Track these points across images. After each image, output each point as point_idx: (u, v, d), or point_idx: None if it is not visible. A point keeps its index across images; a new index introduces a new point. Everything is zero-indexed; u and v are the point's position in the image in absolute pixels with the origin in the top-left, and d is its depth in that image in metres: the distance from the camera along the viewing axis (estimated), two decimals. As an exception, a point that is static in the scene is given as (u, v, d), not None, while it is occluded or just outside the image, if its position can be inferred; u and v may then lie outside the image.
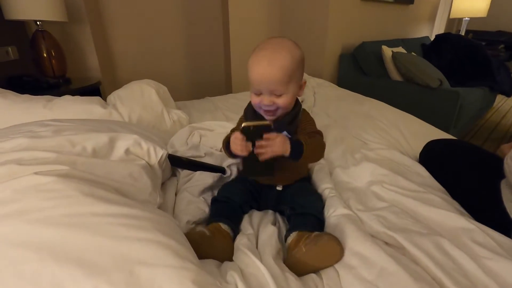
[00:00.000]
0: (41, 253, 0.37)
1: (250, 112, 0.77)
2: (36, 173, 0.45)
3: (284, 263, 0.58)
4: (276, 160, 0.65)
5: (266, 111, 0.71)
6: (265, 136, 0.62)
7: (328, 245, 0.56)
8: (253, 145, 0.63)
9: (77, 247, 0.39)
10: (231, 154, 0.71)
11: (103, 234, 0.42)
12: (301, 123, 0.76)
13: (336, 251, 0.56)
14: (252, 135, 0.62)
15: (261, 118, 0.74)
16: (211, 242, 0.58)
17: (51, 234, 0.39)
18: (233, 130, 0.80)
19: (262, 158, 0.63)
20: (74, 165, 0.52)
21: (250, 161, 0.65)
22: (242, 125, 0.63)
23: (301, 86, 0.73)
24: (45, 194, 0.43)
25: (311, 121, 0.79)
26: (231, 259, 0.58)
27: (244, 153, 0.63)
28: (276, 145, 0.63)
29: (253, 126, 0.61)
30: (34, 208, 0.41)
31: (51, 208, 0.42)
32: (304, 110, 0.79)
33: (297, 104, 0.76)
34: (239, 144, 0.63)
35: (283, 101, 0.69)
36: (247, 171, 0.68)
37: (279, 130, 0.69)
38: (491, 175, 0.73)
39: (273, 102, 0.68)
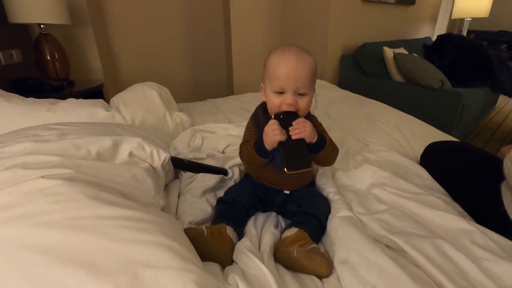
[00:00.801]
0: (47, 255, 0.38)
1: (262, 114, 0.75)
2: (42, 177, 0.46)
3: (275, 253, 0.60)
4: (308, 150, 0.67)
5: None
6: (295, 122, 0.65)
7: (318, 267, 0.56)
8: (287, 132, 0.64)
9: (82, 249, 0.40)
10: (264, 153, 0.69)
11: (107, 237, 0.42)
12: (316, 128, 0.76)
13: (323, 273, 0.56)
14: (284, 122, 0.64)
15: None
16: (206, 243, 0.58)
17: (57, 237, 0.40)
18: (244, 139, 0.78)
19: (297, 137, 0.65)
20: (78, 169, 0.52)
21: (288, 151, 0.64)
22: (273, 115, 0.65)
23: (313, 94, 0.74)
24: (50, 197, 0.44)
25: (322, 127, 0.80)
26: (229, 261, 0.59)
27: (283, 137, 0.64)
28: (308, 126, 0.66)
29: (283, 113, 0.65)
30: (40, 212, 0.42)
31: (56, 211, 0.42)
32: (313, 116, 0.80)
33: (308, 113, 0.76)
34: (277, 129, 0.64)
35: (305, 102, 0.69)
36: (286, 164, 0.63)
37: None
38: (492, 177, 0.73)
39: (296, 102, 0.68)
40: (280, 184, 0.77)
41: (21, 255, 0.38)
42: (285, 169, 0.62)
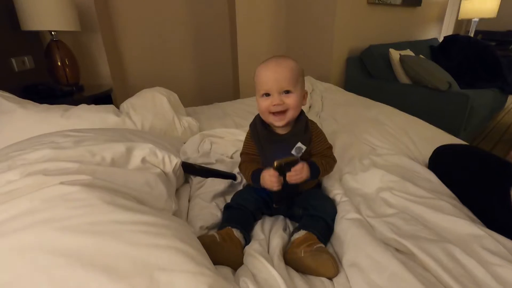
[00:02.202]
0: (69, 259, 0.40)
1: (259, 125, 0.79)
2: (61, 183, 0.48)
3: (284, 255, 0.62)
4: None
5: (276, 115, 0.74)
6: (293, 168, 0.69)
7: (324, 265, 0.57)
8: (284, 177, 0.70)
9: (101, 253, 0.42)
10: (259, 184, 0.75)
11: (124, 241, 0.44)
12: (316, 137, 0.80)
13: (330, 272, 0.57)
14: (283, 170, 0.69)
15: (273, 134, 0.78)
16: (220, 248, 0.60)
17: (77, 241, 0.42)
18: (243, 153, 0.84)
19: (293, 182, 0.70)
20: (94, 175, 0.54)
21: (281, 193, 0.72)
22: (275, 164, 0.68)
23: (304, 96, 0.77)
24: (70, 203, 0.45)
25: (322, 136, 0.82)
26: (240, 262, 0.60)
27: (280, 187, 0.70)
28: (305, 173, 0.70)
29: (285, 162, 0.69)
30: (61, 217, 0.44)
31: (76, 216, 0.44)
32: (312, 122, 0.82)
33: (302, 112, 0.80)
34: (275, 181, 0.69)
35: (292, 100, 0.73)
36: (276, 202, 0.75)
37: (295, 140, 0.75)
38: (502, 181, 0.73)
39: (283, 101, 0.72)
40: None
41: (45, 259, 0.40)
42: (274, 205, 0.74)
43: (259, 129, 0.79)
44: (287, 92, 0.72)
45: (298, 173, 0.70)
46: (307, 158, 0.80)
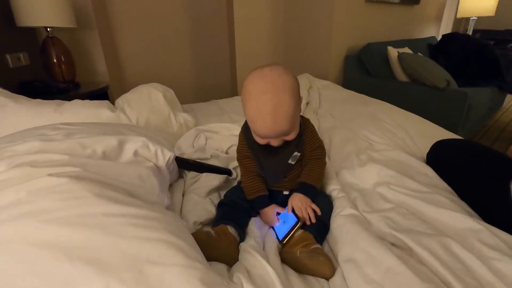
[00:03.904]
0: (54, 252, 0.39)
1: (251, 134, 0.70)
2: (49, 175, 0.47)
3: (280, 253, 0.61)
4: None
5: None
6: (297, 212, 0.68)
7: (320, 266, 0.57)
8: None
9: (89, 246, 0.41)
10: (258, 208, 0.75)
11: (113, 234, 0.43)
12: (307, 137, 0.75)
13: (326, 273, 0.56)
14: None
15: (267, 146, 0.70)
16: (216, 243, 0.59)
17: (64, 234, 0.41)
18: (240, 155, 0.78)
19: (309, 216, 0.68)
20: (85, 167, 0.53)
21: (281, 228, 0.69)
22: (283, 242, 0.64)
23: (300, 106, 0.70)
24: (58, 195, 0.44)
25: (313, 133, 0.76)
26: (236, 258, 0.60)
27: (277, 224, 0.69)
28: (308, 206, 0.69)
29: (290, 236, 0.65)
30: (48, 209, 0.42)
31: (64, 208, 0.43)
32: (305, 119, 0.77)
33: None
34: (273, 220, 0.70)
35: (292, 137, 0.68)
36: (285, 237, 0.68)
37: (291, 151, 0.71)
38: (500, 176, 0.72)
39: (283, 141, 0.68)
40: (282, 187, 0.78)
41: (29, 251, 0.38)
42: (280, 240, 0.65)
43: (252, 142, 0.72)
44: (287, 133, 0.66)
45: (307, 211, 0.67)
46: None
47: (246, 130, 0.74)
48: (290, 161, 0.73)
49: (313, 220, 0.67)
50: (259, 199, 0.74)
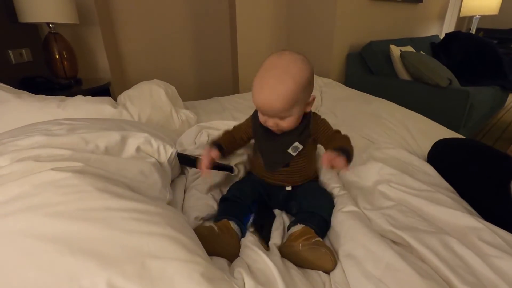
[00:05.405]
0: (58, 245, 0.39)
1: (258, 120, 0.75)
2: (52, 169, 0.47)
3: (280, 248, 0.61)
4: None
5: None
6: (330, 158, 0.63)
7: (321, 258, 0.57)
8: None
9: (91, 239, 0.41)
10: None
11: (116, 228, 0.43)
12: (316, 130, 0.75)
13: (327, 265, 0.57)
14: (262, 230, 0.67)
15: (270, 131, 0.73)
16: (219, 238, 0.60)
17: (67, 227, 0.41)
18: (235, 129, 0.84)
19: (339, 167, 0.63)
20: (88, 162, 0.53)
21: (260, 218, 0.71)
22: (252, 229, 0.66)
23: (308, 104, 0.72)
24: (61, 189, 0.45)
25: (324, 125, 0.77)
26: (237, 253, 0.60)
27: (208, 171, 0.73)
28: (334, 159, 0.63)
29: (261, 224, 0.67)
30: (51, 203, 0.43)
31: (67, 202, 0.43)
32: (314, 114, 0.78)
33: (306, 115, 0.74)
34: (204, 164, 0.71)
35: (287, 124, 0.69)
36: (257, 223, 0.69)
37: (292, 140, 0.72)
38: (501, 175, 0.72)
39: (276, 124, 0.69)
40: (281, 181, 0.78)
41: (33, 244, 0.39)
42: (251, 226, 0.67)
43: (258, 123, 0.76)
44: (283, 117, 0.68)
45: (330, 157, 0.62)
46: (313, 149, 0.80)
47: (255, 115, 0.79)
48: (290, 151, 0.73)
49: (340, 165, 0.61)
50: (210, 144, 0.77)
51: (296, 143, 0.73)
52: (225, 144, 0.79)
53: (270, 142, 0.75)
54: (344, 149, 0.66)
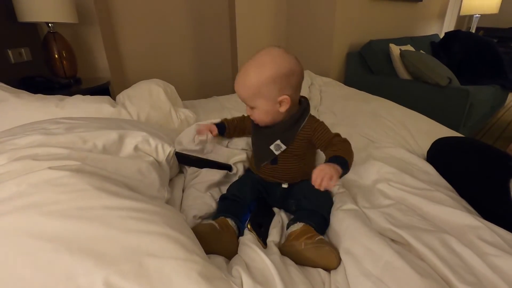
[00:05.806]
0: (55, 243, 0.39)
1: None
2: (50, 168, 0.47)
3: (281, 248, 0.60)
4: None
5: None
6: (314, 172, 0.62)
7: (326, 257, 0.57)
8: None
9: (89, 238, 0.41)
10: None
11: (114, 227, 0.43)
12: (312, 133, 0.74)
13: (332, 263, 0.57)
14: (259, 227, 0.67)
15: (257, 124, 0.78)
16: (219, 236, 0.60)
17: (64, 226, 0.41)
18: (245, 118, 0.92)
19: (327, 187, 0.60)
20: (85, 161, 0.53)
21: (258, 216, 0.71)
22: (248, 226, 0.66)
23: (280, 102, 0.69)
24: (58, 188, 0.44)
25: (322, 128, 0.75)
26: (236, 251, 0.60)
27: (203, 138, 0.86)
28: (325, 171, 0.61)
29: (258, 222, 0.67)
30: (48, 201, 0.43)
31: (64, 201, 0.43)
32: (312, 116, 0.76)
33: (298, 112, 0.73)
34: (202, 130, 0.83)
35: (256, 115, 0.73)
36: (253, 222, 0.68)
37: (274, 137, 0.74)
38: (501, 174, 0.72)
39: (251, 114, 0.75)
40: (278, 178, 0.78)
41: (30, 243, 0.39)
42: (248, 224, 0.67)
43: None
44: (253, 107, 0.73)
45: (320, 175, 0.60)
46: (309, 151, 0.78)
47: None
48: (271, 148, 0.74)
49: (322, 186, 0.59)
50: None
51: (278, 141, 0.73)
52: (230, 126, 0.90)
53: (257, 136, 0.81)
54: (339, 159, 0.66)
